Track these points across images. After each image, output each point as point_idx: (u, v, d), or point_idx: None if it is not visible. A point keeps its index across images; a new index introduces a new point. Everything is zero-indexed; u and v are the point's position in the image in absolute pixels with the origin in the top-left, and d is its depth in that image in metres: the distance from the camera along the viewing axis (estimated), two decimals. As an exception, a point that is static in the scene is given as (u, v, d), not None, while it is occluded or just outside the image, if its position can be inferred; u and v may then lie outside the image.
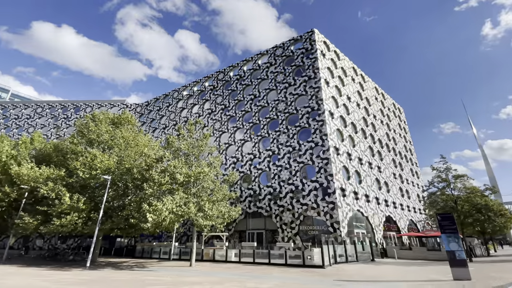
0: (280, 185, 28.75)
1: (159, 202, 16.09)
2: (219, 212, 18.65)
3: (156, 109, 50.13)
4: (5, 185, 22.40)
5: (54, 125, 54.54)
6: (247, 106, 36.14)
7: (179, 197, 17.51)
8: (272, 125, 32.89)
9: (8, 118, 56.83)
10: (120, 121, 26.75)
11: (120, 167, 21.73)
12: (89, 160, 20.10)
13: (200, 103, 42.69)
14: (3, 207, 23.10)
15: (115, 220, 19.44)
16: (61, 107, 57.26)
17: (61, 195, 18.49)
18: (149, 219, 15.58)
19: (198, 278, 13.03)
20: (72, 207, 18.28)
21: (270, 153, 31.03)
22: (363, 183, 31.41)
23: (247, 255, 21.41)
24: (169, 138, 20.72)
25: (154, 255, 26.59)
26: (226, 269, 17.16)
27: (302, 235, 25.90)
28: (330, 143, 27.75)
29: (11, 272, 14.30)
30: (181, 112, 45.34)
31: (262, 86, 36.38)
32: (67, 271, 15.84)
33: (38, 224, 19.25)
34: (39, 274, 13.57)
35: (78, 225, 18.69)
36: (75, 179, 20.55)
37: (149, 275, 14.03)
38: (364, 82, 45.22)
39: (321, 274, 14.90)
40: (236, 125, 35.91)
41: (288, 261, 18.91)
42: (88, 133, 24.11)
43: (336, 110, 32.40)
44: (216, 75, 43.31)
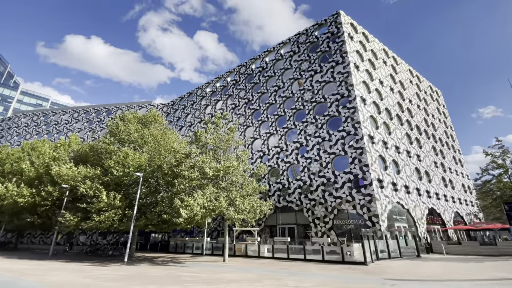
0: (310, 178, 27.49)
1: (190, 198, 15.83)
2: (251, 207, 18.04)
3: (181, 108, 50.91)
4: (47, 184, 23.76)
5: (90, 129, 57.82)
6: (271, 98, 35.08)
7: (210, 191, 17.15)
8: (299, 116, 31.54)
9: (49, 124, 61.36)
10: (148, 120, 27.21)
11: (151, 164, 22.01)
12: (121, 158, 20.53)
13: (223, 98, 42.41)
14: (48, 206, 24.60)
15: (149, 216, 19.71)
16: (95, 111, 60.51)
17: (98, 193, 19.09)
18: (183, 214, 15.38)
19: (234, 275, 12.49)
20: (109, 205, 18.79)
21: (297, 145, 29.79)
22: (401, 173, 29.02)
23: (280, 251, 20.65)
24: (197, 132, 20.46)
25: (187, 250, 26.88)
26: (261, 265, 16.53)
27: (336, 230, 24.52)
28: (364, 131, 25.83)
29: (56, 267, 14.91)
30: (205, 109, 45.48)
31: (286, 76, 35.05)
32: (106, 266, 16.24)
33: (78, 221, 20.11)
34: (81, 270, 13.94)
35: (115, 222, 19.20)
36: (110, 177, 21.16)
37: (185, 271, 13.81)
38: (397, 64, 41.85)
39: (365, 272, 13.65)
40: (261, 119, 35.06)
41: (326, 257, 17.82)
42: (119, 133, 24.74)
43: (368, 95, 30.16)
44: (238, 69, 42.69)
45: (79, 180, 20.50)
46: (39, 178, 25.49)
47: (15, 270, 12.72)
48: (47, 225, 25.87)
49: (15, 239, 36.31)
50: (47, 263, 17.31)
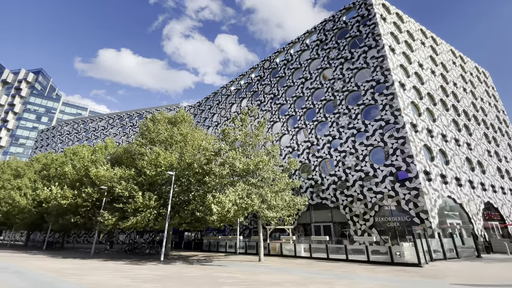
0: (345, 172, 25.67)
1: (221, 194, 15.23)
2: (283, 202, 16.99)
3: (207, 108, 51.28)
4: (87, 186, 24.84)
5: (124, 133, 60.77)
6: (298, 91, 33.61)
7: (241, 188, 16.42)
8: (329, 107, 29.73)
9: (88, 131, 65.64)
10: (177, 120, 27.33)
11: (181, 163, 21.92)
12: (153, 158, 20.65)
13: (248, 95, 41.74)
14: (88, 207, 25.77)
15: (182, 215, 19.57)
16: (127, 117, 63.49)
17: (134, 193, 19.39)
18: (214, 210, 14.82)
19: (274, 277, 11.56)
20: (145, 205, 18.95)
21: (329, 138, 28.05)
22: (451, 163, 26.00)
23: (318, 250, 19.33)
24: (225, 129, 19.88)
25: (221, 249, 26.59)
26: (300, 266, 15.42)
27: (378, 228, 22.52)
28: (405, 119, 23.43)
29: (96, 266, 15.16)
30: (231, 107, 45.21)
31: (313, 66, 33.34)
32: (143, 265, 16.25)
33: (116, 221, 20.62)
34: (119, 269, 13.97)
35: (150, 221, 19.33)
36: (143, 178, 21.45)
37: (221, 271, 13.19)
38: (437, 45, 37.93)
39: (422, 275, 11.94)
40: (288, 113, 33.75)
41: (371, 258, 16.18)
42: (149, 134, 25.09)
43: (408, 80, 27.45)
44: (261, 64, 41.75)
45: (115, 181, 21.01)
46: (80, 181, 26.82)
47: (57, 270, 13.02)
48: (88, 225, 27.17)
49: (61, 238, 39.04)
50: (88, 262, 17.85)
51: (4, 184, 34.75)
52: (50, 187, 26.20)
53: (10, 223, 34.15)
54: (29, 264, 15.22)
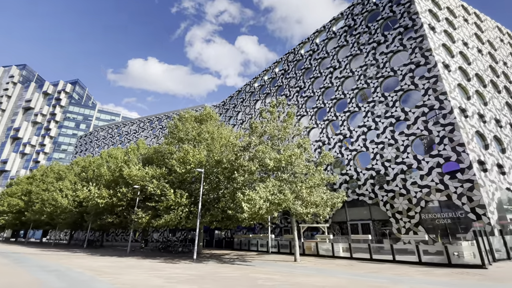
0: (384, 165, 23.60)
1: (252, 191, 14.42)
2: (321, 199, 15.74)
3: (232, 107, 51.08)
4: (122, 186, 25.52)
5: (154, 135, 62.92)
6: (326, 82, 31.83)
7: (272, 184, 15.47)
8: (362, 96, 27.66)
9: (121, 135, 69.03)
10: (203, 118, 27.14)
11: (209, 160, 21.57)
12: (182, 156, 20.50)
13: (273, 91, 40.64)
14: (123, 206, 26.51)
15: (213, 212, 19.15)
16: (157, 119, 65.68)
17: (165, 191, 19.38)
18: (245, 209, 14.05)
19: (316, 279, 10.47)
20: (177, 203, 18.84)
21: (364, 129, 26.05)
22: (508, 152, 22.81)
23: (359, 250, 17.78)
24: (253, 123, 19.07)
25: (252, 247, 25.92)
26: (341, 267, 14.11)
27: (426, 225, 20.29)
28: (453, 103, 20.86)
29: (132, 265, 15.16)
30: (255, 104, 44.46)
31: (341, 54, 31.36)
32: (177, 263, 16.00)
33: (149, 219, 20.80)
34: (154, 268, 13.76)
35: (182, 219, 19.17)
36: (174, 176, 21.43)
37: (257, 272, 12.38)
38: (481, 22, 33.88)
39: (492, 279, 10.11)
40: (316, 105, 32.12)
41: (423, 258, 14.37)
42: (178, 133, 25.12)
43: (452, 60, 24.59)
44: (285, 57, 40.43)
45: (147, 179, 21.22)
46: (115, 181, 27.72)
47: (94, 268, 13.08)
48: (124, 224, 28.04)
49: (100, 237, 41.10)
50: (125, 260, 18.08)
51: (48, 187, 37.34)
52: (88, 188, 27.42)
53: (54, 223, 36.60)
54: (69, 262, 15.66)
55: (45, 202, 34.17)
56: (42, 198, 35.35)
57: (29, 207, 39.32)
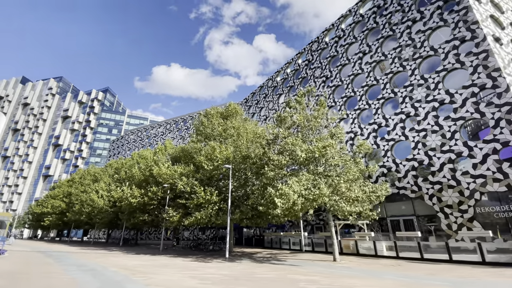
0: (428, 155, 21.30)
1: (284, 185, 13.41)
2: (362, 193, 14.31)
3: (254, 103, 50.31)
4: (152, 185, 25.88)
5: (180, 136, 64.29)
6: (355, 68, 29.75)
7: (305, 178, 14.34)
8: (398, 80, 25.35)
9: (150, 137, 71.57)
10: (229, 113, 26.65)
11: (236, 156, 20.95)
12: (209, 152, 20.10)
13: (297, 83, 39.13)
14: (155, 205, 26.91)
15: (243, 209, 18.48)
16: (182, 120, 67.08)
17: (195, 189, 19.11)
18: (278, 204, 13.08)
19: (363, 282, 9.25)
20: (207, 200, 18.48)
21: (402, 116, 23.81)
22: None
23: (406, 249, 16.04)
24: (280, 114, 18.03)
25: (284, 246, 24.95)
26: (388, 268, 12.65)
27: (482, 220, 17.87)
28: (508, 80, 18.12)
29: (165, 263, 14.94)
30: (278, 98, 43.22)
31: (371, 37, 29.09)
32: (209, 262, 15.54)
33: (180, 217, 20.71)
34: (186, 267, 13.36)
35: (212, 217, 18.77)
36: (202, 173, 21.13)
37: (296, 272, 11.40)
38: (536, -13, 29.49)
39: None
40: (346, 94, 30.16)
41: (487, 258, 12.42)
42: (204, 129, 24.84)
43: (503, 32, 21.54)
44: (308, 47, 38.70)
45: (176, 177, 21.14)
46: (146, 180, 28.29)
47: (129, 267, 12.96)
48: (156, 222, 28.52)
49: (135, 236, 42.63)
50: (158, 258, 18.07)
51: (85, 189, 39.40)
52: (121, 188, 28.25)
53: (93, 223, 38.53)
54: (105, 261, 15.86)
55: (84, 203, 36.03)
56: (81, 199, 37.37)
57: (70, 208, 41.88)
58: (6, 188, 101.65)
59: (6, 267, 12.18)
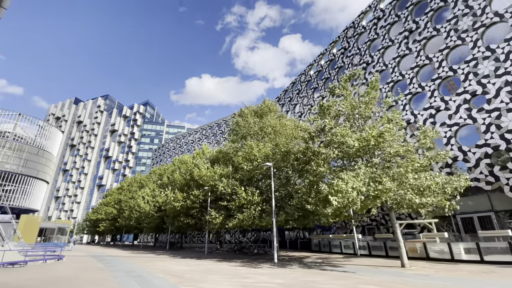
0: (505, 138, 17.73)
1: (340, 181, 11.74)
2: (435, 184, 12.00)
3: (287, 101, 48.74)
4: (193, 188, 25.87)
5: (216, 140, 65.32)
6: (401, 49, 26.61)
7: (362, 171, 12.48)
8: (456, 56, 21.89)
9: (188, 144, 74.13)
10: (263, 111, 25.62)
11: (276, 154, 19.73)
12: (248, 152, 19.21)
13: (333, 74, 36.67)
14: (197, 208, 26.88)
15: (288, 210, 17.11)
16: (216, 125, 68.26)
17: (236, 190, 18.37)
18: (334, 203, 11.45)
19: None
20: (249, 201, 17.59)
21: (466, 96, 20.36)
22: None
23: (492, 251, 13.15)
24: (323, 104, 16.36)
25: (334, 249, 22.91)
26: (479, 275, 10.22)
27: None
28: None
29: (212, 268, 14.23)
30: (313, 92, 41.09)
31: (418, 13, 25.77)
32: (258, 268, 14.46)
33: (223, 219, 20.11)
34: (235, 273, 12.43)
35: (256, 218, 17.75)
36: (241, 173, 20.34)
37: (364, 282, 9.70)
38: None
39: None
40: (392, 79, 27.11)
41: None
42: (240, 129, 24.13)
43: None
44: (343, 34, 36.08)
45: (216, 179, 20.66)
46: (187, 184, 28.53)
47: (176, 273, 12.46)
48: (199, 225, 28.53)
49: (180, 239, 43.69)
50: (204, 262, 17.55)
51: (133, 195, 41.52)
52: (165, 193, 28.88)
53: (141, 227, 40.35)
54: (153, 265, 15.72)
55: (132, 209, 37.88)
56: (129, 205, 39.42)
57: (120, 214, 44.58)
58: (67, 198, 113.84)
59: (59, 273, 12.50)
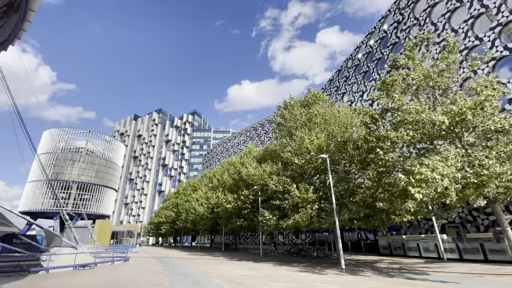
0: None
1: (423, 167, 9.21)
2: None
3: (334, 91, 45.22)
4: (243, 189, 25.12)
5: (260, 141, 64.72)
6: (473, 9, 21.70)
7: (453, 153, 9.67)
8: None
9: (234, 147, 75.35)
10: (309, 102, 23.57)
11: (330, 145, 17.53)
12: (298, 144, 17.47)
13: (386, 52, 32.37)
14: (248, 209, 26.05)
15: (353, 208, 14.76)
16: (260, 126, 67.84)
17: (288, 187, 16.81)
18: (416, 196, 8.98)
19: None
20: (303, 199, 15.83)
21: None
22: None
23: None
24: (386, 79, 13.71)
25: (410, 253, 19.46)
26: None
27: None
28: None
29: (271, 274, 12.85)
30: (364, 77, 37.07)
31: (497, -43, 20.66)
32: (324, 274, 12.59)
33: (277, 219, 18.70)
34: (298, 280, 10.83)
35: (313, 218, 15.85)
36: (292, 169, 18.69)
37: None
38: None
39: None
40: (465, 45, 22.28)
41: None
42: (286, 123, 22.51)
43: None
44: (395, 6, 31.65)
45: (266, 177, 19.39)
46: (236, 185, 28.03)
47: (233, 279, 11.44)
48: (252, 227, 27.68)
49: (234, 240, 43.77)
50: (261, 266, 16.35)
51: (188, 198, 43.17)
52: (216, 194, 28.89)
53: (197, 229, 41.58)
54: (210, 269, 15.09)
55: (188, 211, 39.26)
56: (185, 208, 41.02)
57: (178, 217, 46.85)
58: (134, 204, 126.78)
59: (120, 276, 12.60)
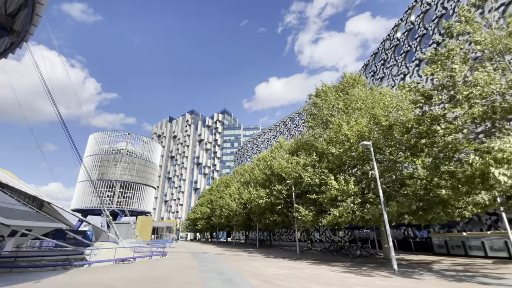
0: None
1: (507, 144, 7.27)
2: None
3: (370, 76, 41.78)
4: (275, 184, 24.09)
5: (291, 135, 62.98)
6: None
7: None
8: None
9: (264, 142, 74.57)
10: (345, 87, 21.61)
11: (372, 131, 15.63)
12: (335, 131, 15.88)
13: (431, 27, 28.66)
14: (282, 204, 24.97)
15: (403, 200, 12.83)
16: (290, 119, 66.05)
17: (325, 179, 15.35)
18: (500, 178, 7.10)
19: None
20: (343, 191, 14.28)
21: None
22: None
23: None
24: (438, 51, 11.53)
25: (472, 252, 16.75)
26: None
27: None
28: None
29: (310, 274, 11.65)
30: (405, 58, 33.46)
31: None
32: (371, 276, 11.06)
33: (314, 215, 17.34)
34: (342, 284, 9.50)
35: (356, 213, 14.21)
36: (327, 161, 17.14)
37: None
38: None
39: None
40: (538, 6, 18.41)
41: None
42: (319, 111, 20.89)
43: None
44: (441, -27, 27.74)
45: (300, 169, 18.09)
46: (268, 180, 27.12)
47: (269, 279, 10.52)
48: (286, 223, 26.57)
49: (268, 236, 43.04)
50: (298, 265, 15.20)
51: (221, 195, 43.46)
52: (249, 190, 28.31)
53: (231, 225, 41.65)
54: (244, 266, 14.37)
55: (222, 208, 39.47)
56: (219, 204, 41.34)
57: (213, 213, 47.52)
58: (172, 201, 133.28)
59: (155, 272, 12.41)
